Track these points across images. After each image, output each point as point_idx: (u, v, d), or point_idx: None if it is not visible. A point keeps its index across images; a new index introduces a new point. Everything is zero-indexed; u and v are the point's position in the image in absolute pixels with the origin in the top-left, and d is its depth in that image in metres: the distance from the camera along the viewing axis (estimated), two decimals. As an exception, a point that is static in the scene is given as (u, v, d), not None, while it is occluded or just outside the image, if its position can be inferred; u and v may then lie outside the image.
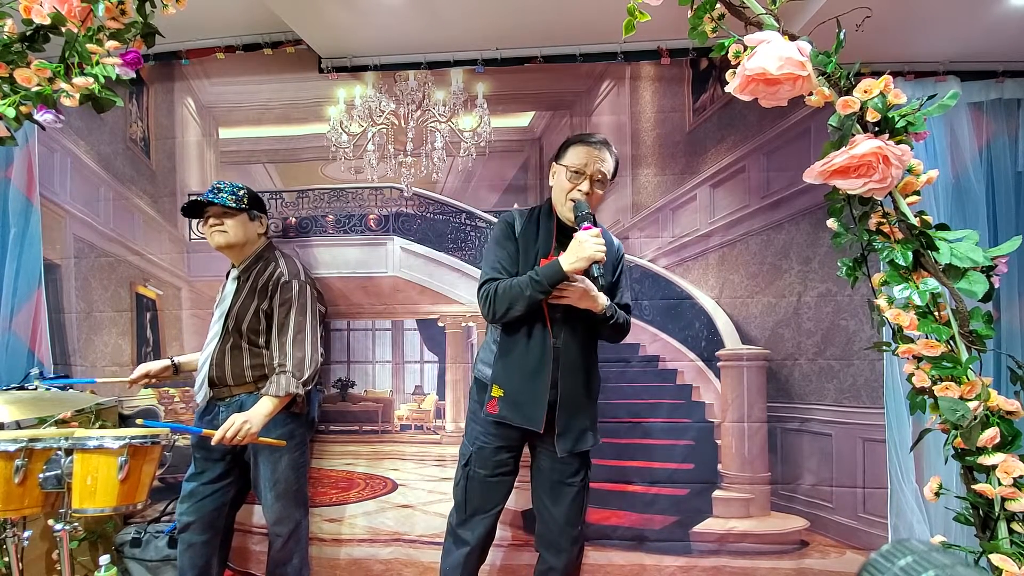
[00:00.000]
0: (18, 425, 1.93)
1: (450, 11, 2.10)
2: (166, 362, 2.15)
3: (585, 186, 1.69)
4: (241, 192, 2.04)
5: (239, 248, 2.03)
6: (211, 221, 2.00)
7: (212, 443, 1.78)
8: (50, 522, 1.78)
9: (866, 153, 1.21)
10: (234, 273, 2.06)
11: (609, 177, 1.75)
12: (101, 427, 2.17)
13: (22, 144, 2.49)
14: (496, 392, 1.74)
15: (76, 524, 1.73)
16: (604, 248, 1.57)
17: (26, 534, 1.76)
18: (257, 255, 2.06)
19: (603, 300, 1.70)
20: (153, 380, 2.16)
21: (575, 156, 1.72)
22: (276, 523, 2.02)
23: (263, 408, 1.85)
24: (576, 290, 1.66)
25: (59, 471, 1.61)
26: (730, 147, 2.33)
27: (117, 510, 1.65)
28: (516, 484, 1.89)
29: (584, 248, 1.57)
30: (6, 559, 1.77)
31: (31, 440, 1.62)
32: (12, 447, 1.59)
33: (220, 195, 1.99)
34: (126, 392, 2.50)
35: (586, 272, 1.62)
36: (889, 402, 2.21)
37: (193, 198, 2.02)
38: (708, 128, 2.35)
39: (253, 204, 2.06)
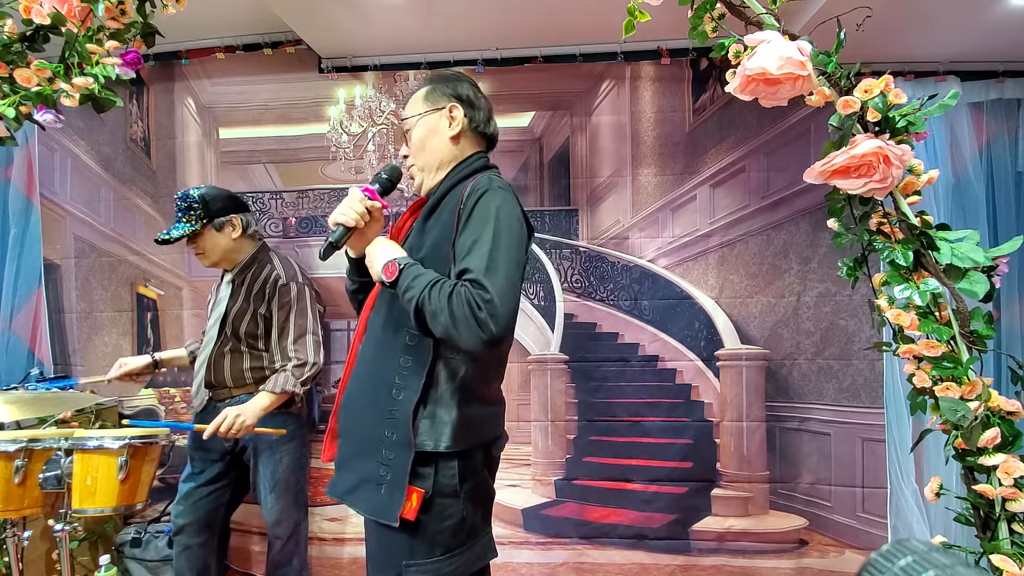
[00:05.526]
0: (18, 425, 1.93)
1: (450, 11, 2.09)
2: (146, 359, 2.09)
3: (404, 149, 1.35)
4: (196, 208, 1.89)
5: (228, 258, 1.98)
6: (192, 247, 1.96)
7: (205, 437, 1.76)
8: (50, 522, 1.78)
9: (866, 153, 1.21)
10: (228, 276, 2.02)
11: (414, 112, 1.31)
12: (101, 427, 2.17)
13: (22, 144, 2.49)
14: None
15: (76, 524, 1.73)
16: (351, 210, 1.21)
17: (26, 534, 1.76)
18: (251, 259, 2.00)
19: (378, 262, 1.19)
20: (137, 378, 2.10)
21: None
22: (275, 524, 2.01)
23: (259, 402, 1.84)
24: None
25: (59, 471, 1.60)
26: (730, 147, 2.33)
27: (117, 510, 1.65)
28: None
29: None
30: (6, 559, 1.77)
31: (31, 440, 1.62)
32: (12, 447, 1.59)
33: (178, 226, 1.89)
34: (126, 392, 2.50)
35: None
36: (889, 402, 2.21)
37: (159, 237, 1.91)
38: (708, 128, 2.35)
39: (213, 214, 1.91)
